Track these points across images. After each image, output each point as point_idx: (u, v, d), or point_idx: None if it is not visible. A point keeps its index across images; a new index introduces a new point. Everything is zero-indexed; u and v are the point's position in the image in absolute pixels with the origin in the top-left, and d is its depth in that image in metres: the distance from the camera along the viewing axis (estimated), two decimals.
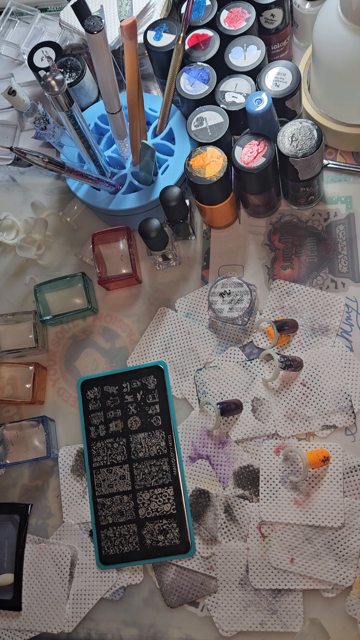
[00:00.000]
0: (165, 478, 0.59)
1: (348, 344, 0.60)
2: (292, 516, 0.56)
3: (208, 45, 0.63)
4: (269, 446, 0.58)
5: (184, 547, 0.57)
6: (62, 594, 0.59)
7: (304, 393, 0.59)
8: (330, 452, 0.57)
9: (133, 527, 0.59)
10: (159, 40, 0.64)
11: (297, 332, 0.61)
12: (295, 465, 0.57)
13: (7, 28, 0.80)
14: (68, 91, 0.52)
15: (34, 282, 0.70)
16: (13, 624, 0.59)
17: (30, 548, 0.61)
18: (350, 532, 0.55)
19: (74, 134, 0.57)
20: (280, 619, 0.55)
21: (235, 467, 0.59)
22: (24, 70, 0.78)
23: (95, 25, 0.50)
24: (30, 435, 0.63)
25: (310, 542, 0.55)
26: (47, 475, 0.64)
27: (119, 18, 0.69)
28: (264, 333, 0.62)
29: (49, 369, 0.68)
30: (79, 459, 0.63)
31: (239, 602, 0.56)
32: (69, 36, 0.74)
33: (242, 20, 0.63)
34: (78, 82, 0.69)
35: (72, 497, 0.62)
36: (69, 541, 0.61)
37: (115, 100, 0.58)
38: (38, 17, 0.78)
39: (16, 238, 0.72)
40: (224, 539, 0.57)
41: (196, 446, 0.60)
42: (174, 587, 0.58)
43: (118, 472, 0.61)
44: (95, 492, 0.61)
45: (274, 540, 0.56)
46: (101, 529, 0.59)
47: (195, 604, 0.57)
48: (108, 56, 0.53)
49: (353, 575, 0.54)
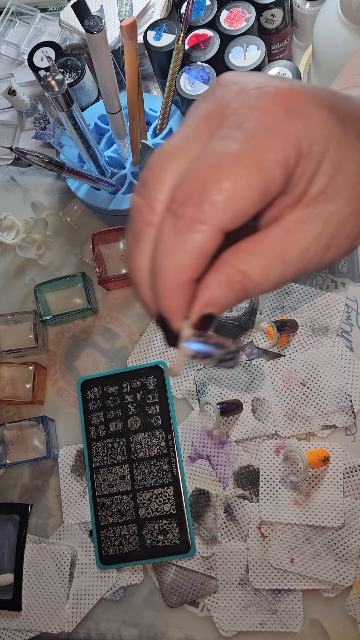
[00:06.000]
0: (165, 478, 0.59)
1: (348, 344, 0.60)
2: (292, 516, 0.56)
3: (208, 45, 0.63)
4: (269, 446, 0.58)
5: (184, 547, 0.57)
6: (62, 594, 0.59)
7: (304, 393, 0.59)
8: (330, 452, 0.57)
9: (133, 527, 0.59)
10: (159, 40, 0.64)
11: (297, 332, 0.61)
12: (295, 465, 0.57)
13: (7, 28, 0.80)
14: (68, 91, 0.52)
15: (34, 282, 0.70)
16: (13, 624, 0.59)
17: (30, 548, 0.61)
18: (350, 532, 0.55)
19: (74, 134, 0.57)
20: (280, 619, 0.55)
21: (235, 467, 0.59)
22: (24, 70, 0.78)
23: (95, 25, 0.50)
24: (30, 435, 0.63)
25: (310, 542, 0.55)
26: (47, 475, 0.64)
27: (119, 18, 0.69)
28: (264, 333, 0.62)
29: (49, 369, 0.68)
30: (79, 459, 0.63)
31: (239, 602, 0.56)
32: (69, 36, 0.74)
33: (242, 20, 0.63)
34: (78, 82, 0.69)
35: (72, 497, 0.62)
36: (69, 541, 0.61)
37: (115, 100, 0.58)
38: (38, 17, 0.78)
39: (16, 238, 0.72)
40: (224, 539, 0.57)
41: (196, 446, 0.60)
42: (174, 587, 0.58)
43: (118, 472, 0.61)
44: (95, 492, 0.60)
45: (274, 540, 0.56)
46: (101, 529, 0.59)
47: (195, 604, 0.57)
48: (108, 56, 0.53)
49: (353, 575, 0.54)
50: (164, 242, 0.27)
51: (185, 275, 0.27)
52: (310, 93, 0.27)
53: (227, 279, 0.28)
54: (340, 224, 0.29)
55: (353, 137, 0.28)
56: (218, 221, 0.26)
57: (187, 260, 0.26)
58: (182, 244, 0.26)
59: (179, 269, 0.27)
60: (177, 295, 0.27)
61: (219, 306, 0.29)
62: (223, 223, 0.26)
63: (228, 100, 0.27)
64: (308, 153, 0.27)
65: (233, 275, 0.28)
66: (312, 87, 0.28)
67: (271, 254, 0.28)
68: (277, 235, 0.29)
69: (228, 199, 0.25)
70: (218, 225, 0.26)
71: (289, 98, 0.26)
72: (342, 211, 0.29)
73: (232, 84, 0.28)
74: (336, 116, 0.27)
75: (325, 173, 0.27)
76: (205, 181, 0.26)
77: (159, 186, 0.28)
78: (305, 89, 0.27)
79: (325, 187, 0.28)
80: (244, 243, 0.29)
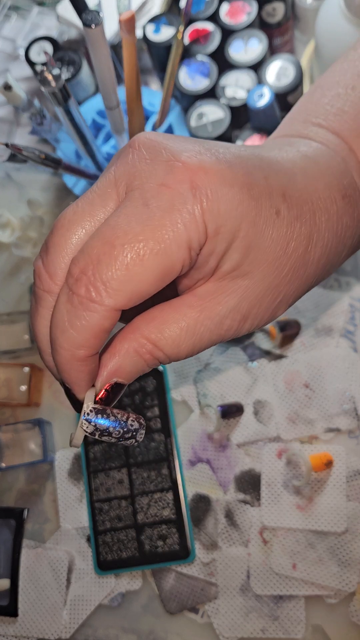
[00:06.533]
0: (164, 482, 0.58)
1: (352, 345, 0.59)
2: (294, 521, 0.55)
3: (208, 39, 0.62)
4: (271, 450, 0.57)
5: (184, 552, 0.56)
6: (59, 599, 0.58)
7: (306, 395, 0.58)
8: (333, 456, 0.56)
9: (132, 533, 0.58)
10: (159, 35, 0.63)
11: (300, 332, 0.60)
12: (297, 469, 0.56)
13: (4, 22, 0.79)
14: (65, 86, 0.51)
15: (30, 281, 0.69)
16: (9, 630, 0.58)
17: (27, 553, 0.60)
18: (353, 537, 0.54)
19: (71, 130, 0.56)
20: (282, 626, 0.54)
21: (236, 471, 0.58)
22: (20, 65, 0.77)
23: (93, 19, 0.48)
24: (26, 438, 0.62)
25: (313, 547, 0.54)
26: (43, 479, 0.63)
27: (117, 12, 0.68)
28: (266, 333, 0.61)
29: (45, 370, 0.66)
30: (76, 462, 0.62)
31: (240, 608, 0.55)
32: (66, 30, 0.73)
33: (244, 14, 0.61)
34: (75, 76, 0.67)
35: (69, 501, 0.61)
36: (66, 546, 0.60)
37: (114, 96, 0.57)
38: (35, 12, 0.77)
39: (12, 236, 0.71)
40: (224, 544, 0.56)
41: (196, 450, 0.59)
42: (173, 593, 0.57)
43: (116, 476, 0.59)
44: (92, 496, 0.59)
45: (275, 545, 0.55)
46: (99, 534, 0.58)
47: (195, 610, 0.56)
48: (106, 50, 0.52)
49: (356, 580, 0.53)
50: (58, 317, 0.26)
51: (80, 352, 0.26)
52: (222, 170, 0.26)
53: (135, 348, 0.27)
54: (257, 298, 0.28)
55: (270, 213, 0.27)
56: (112, 302, 0.25)
57: (81, 338, 0.25)
58: (75, 322, 0.25)
59: (74, 345, 0.26)
60: (75, 370, 0.27)
61: (127, 375, 0.28)
62: (118, 304, 0.25)
63: (138, 170, 0.26)
64: (215, 234, 0.25)
65: (143, 344, 0.27)
66: (226, 162, 0.26)
67: (184, 324, 0.27)
68: (192, 304, 0.28)
69: (122, 279, 0.24)
70: (112, 306, 0.25)
71: (197, 177, 0.25)
72: (259, 286, 0.28)
73: (146, 149, 0.26)
74: (249, 195, 0.26)
75: (238, 251, 0.26)
76: (99, 258, 0.25)
77: (60, 253, 0.27)
78: (217, 165, 0.26)
79: (238, 264, 0.27)
80: (156, 310, 0.28)
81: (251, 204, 0.26)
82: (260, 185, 0.27)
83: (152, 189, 0.25)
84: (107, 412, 0.28)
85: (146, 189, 0.25)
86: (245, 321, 0.28)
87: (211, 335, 0.28)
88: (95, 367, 0.27)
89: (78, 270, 0.25)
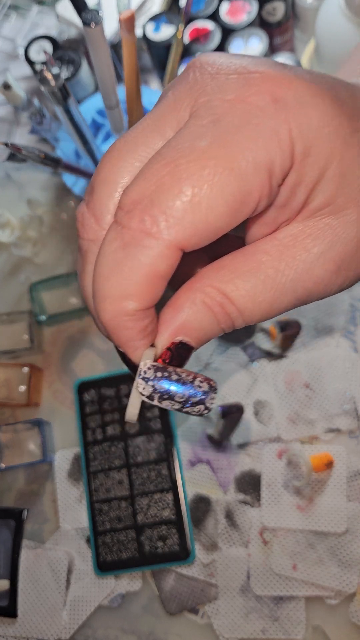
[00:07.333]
0: (164, 483, 0.58)
1: (352, 345, 0.59)
2: (294, 521, 0.55)
3: (208, 38, 0.62)
4: (271, 450, 0.57)
5: (184, 553, 0.56)
6: (58, 600, 0.58)
7: (307, 395, 0.58)
8: (334, 456, 0.55)
9: (131, 533, 0.57)
10: (159, 33, 0.63)
11: (300, 332, 0.60)
12: (298, 470, 0.56)
13: (3, 21, 0.78)
14: (65, 85, 0.50)
15: (30, 281, 0.69)
16: (9, 630, 0.58)
17: (26, 554, 0.60)
18: (353, 537, 0.54)
19: (71, 129, 0.56)
20: (282, 626, 0.54)
21: (236, 472, 0.58)
22: (19, 64, 0.77)
23: (92, 18, 0.48)
24: (26, 438, 0.62)
25: (313, 548, 0.54)
26: (42, 480, 0.63)
27: (117, 11, 0.68)
28: (267, 333, 0.61)
29: (45, 370, 0.66)
30: (76, 462, 0.61)
31: (240, 609, 0.55)
32: (66, 29, 0.73)
33: (244, 14, 0.61)
34: (75, 76, 0.67)
35: (69, 502, 0.60)
36: (65, 547, 0.59)
37: (113, 95, 0.57)
38: (34, 11, 0.77)
39: (11, 236, 0.71)
40: (224, 545, 0.56)
41: (196, 450, 0.59)
42: (173, 593, 0.56)
43: (116, 476, 0.59)
44: (92, 497, 0.59)
45: (275, 546, 0.55)
46: (99, 535, 0.58)
47: (195, 610, 0.56)
48: (106, 50, 0.51)
49: (357, 581, 0.53)
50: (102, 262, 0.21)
51: (129, 304, 0.21)
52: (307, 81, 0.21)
53: (203, 299, 0.22)
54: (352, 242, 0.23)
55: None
56: (173, 236, 0.20)
57: (130, 284, 0.21)
58: (123, 263, 0.20)
59: (121, 294, 0.21)
60: (124, 328, 0.21)
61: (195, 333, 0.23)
62: (179, 239, 0.20)
63: (202, 86, 0.21)
64: (305, 157, 0.21)
65: (212, 295, 0.22)
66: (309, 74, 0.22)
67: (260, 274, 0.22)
68: (269, 251, 0.23)
69: (187, 208, 0.20)
70: (172, 242, 0.20)
71: (279, 87, 0.21)
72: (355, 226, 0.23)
73: (209, 65, 0.22)
74: (342, 110, 0.21)
75: (332, 181, 0.22)
76: (160, 184, 0.20)
77: (109, 191, 0.22)
78: (301, 76, 0.21)
79: (332, 198, 0.22)
80: (226, 259, 0.23)
81: (344, 121, 0.21)
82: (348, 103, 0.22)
83: (223, 104, 0.21)
84: (168, 370, 0.22)
85: (215, 105, 0.21)
86: (339, 272, 0.23)
87: (296, 290, 0.23)
88: (151, 325, 0.22)
89: (131, 201, 0.20)
